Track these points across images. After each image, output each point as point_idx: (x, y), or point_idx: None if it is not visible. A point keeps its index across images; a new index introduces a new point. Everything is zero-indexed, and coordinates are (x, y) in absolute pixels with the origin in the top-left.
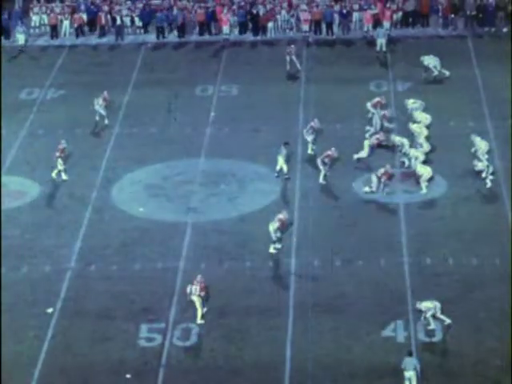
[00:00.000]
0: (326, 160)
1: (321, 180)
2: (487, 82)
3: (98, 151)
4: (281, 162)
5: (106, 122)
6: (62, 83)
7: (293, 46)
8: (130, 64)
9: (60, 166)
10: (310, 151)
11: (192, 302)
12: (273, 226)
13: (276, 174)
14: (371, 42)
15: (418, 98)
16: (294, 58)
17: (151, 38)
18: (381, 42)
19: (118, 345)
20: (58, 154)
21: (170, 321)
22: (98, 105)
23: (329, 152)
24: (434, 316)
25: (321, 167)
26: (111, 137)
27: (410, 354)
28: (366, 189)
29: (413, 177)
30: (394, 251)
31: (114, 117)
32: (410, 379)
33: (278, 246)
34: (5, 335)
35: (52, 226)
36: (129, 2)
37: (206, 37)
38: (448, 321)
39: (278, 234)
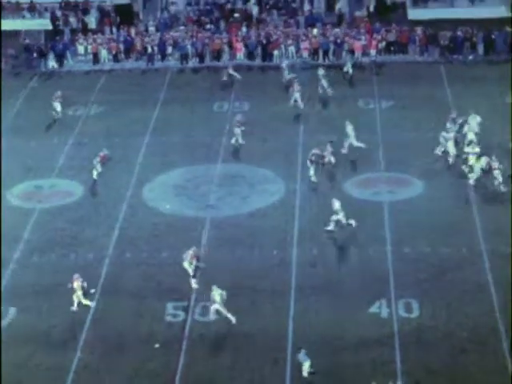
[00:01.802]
0: (313, 158)
1: (312, 178)
2: (456, 100)
3: (132, 157)
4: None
5: (59, 115)
6: (102, 101)
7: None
8: (158, 85)
9: (98, 168)
10: (234, 142)
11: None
12: (188, 263)
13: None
14: (360, 67)
15: (399, 113)
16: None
17: (176, 63)
18: (348, 66)
19: (147, 320)
20: (98, 159)
21: (192, 300)
22: (55, 102)
23: (314, 151)
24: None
25: (309, 165)
26: (143, 145)
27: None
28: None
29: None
30: (379, 242)
31: (145, 128)
32: None
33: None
34: (54, 311)
35: (94, 220)
36: (158, 34)
37: (222, 62)
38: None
39: (193, 267)
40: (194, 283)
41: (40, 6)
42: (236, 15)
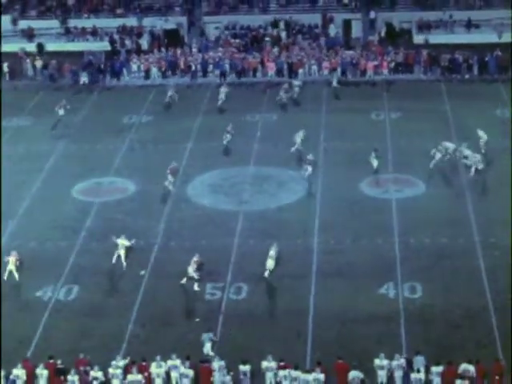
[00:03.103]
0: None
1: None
2: (454, 114)
3: (177, 160)
4: (375, 163)
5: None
6: (152, 111)
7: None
8: (200, 98)
9: (170, 179)
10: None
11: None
12: (192, 268)
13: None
14: (373, 84)
15: (406, 124)
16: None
17: (215, 79)
18: (334, 83)
19: (190, 298)
20: (169, 171)
21: (227, 281)
22: (60, 109)
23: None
24: None
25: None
26: (186, 150)
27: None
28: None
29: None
30: (387, 233)
31: (188, 136)
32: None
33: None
34: (111, 290)
35: (144, 212)
36: (200, 54)
37: (255, 79)
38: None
39: (197, 273)
40: (196, 287)
41: (101, 30)
42: (267, 39)
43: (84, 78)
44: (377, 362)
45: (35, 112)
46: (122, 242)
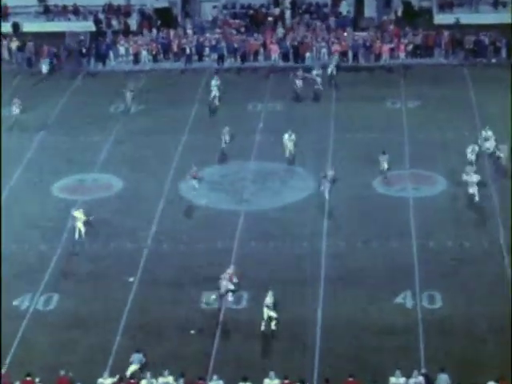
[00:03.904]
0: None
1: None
2: (479, 102)
3: (170, 154)
4: (384, 162)
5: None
6: (142, 100)
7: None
8: (196, 85)
9: (195, 184)
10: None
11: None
12: (226, 282)
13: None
14: (388, 69)
15: (425, 113)
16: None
17: (212, 64)
18: (331, 68)
19: (184, 307)
20: (189, 176)
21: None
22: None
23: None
24: None
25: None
26: (180, 143)
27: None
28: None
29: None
30: (404, 235)
31: (182, 127)
32: None
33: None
34: (95, 298)
35: (133, 212)
36: (195, 36)
37: (257, 63)
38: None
39: (231, 286)
40: (230, 297)
41: (84, 9)
42: (270, 19)
43: (45, 66)
44: (392, 380)
45: (10, 100)
46: (79, 214)
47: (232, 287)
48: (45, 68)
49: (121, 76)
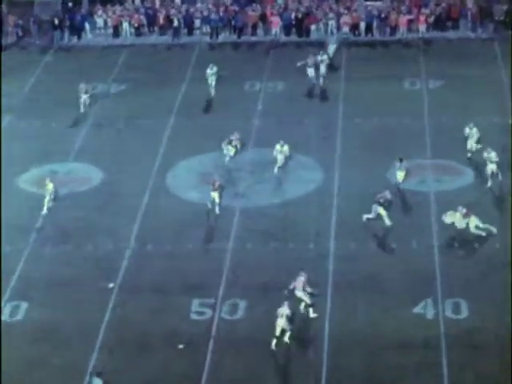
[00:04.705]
0: (381, 200)
1: (275, 171)
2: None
3: (155, 141)
4: (400, 174)
5: None
6: (123, 79)
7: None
8: (185, 62)
9: (216, 199)
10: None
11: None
12: (301, 291)
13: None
14: (406, 44)
15: (448, 95)
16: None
17: (204, 38)
18: (332, 47)
19: (171, 318)
20: (212, 187)
21: (219, 296)
22: None
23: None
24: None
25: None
26: (167, 128)
27: None
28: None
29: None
30: (424, 235)
31: (170, 110)
32: None
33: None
34: (69, 307)
35: (113, 208)
36: (184, 6)
37: (255, 37)
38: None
39: (307, 299)
40: (312, 313)
41: None
42: None
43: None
44: None
45: None
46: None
47: (308, 300)
48: (10, 42)
49: (98, 51)
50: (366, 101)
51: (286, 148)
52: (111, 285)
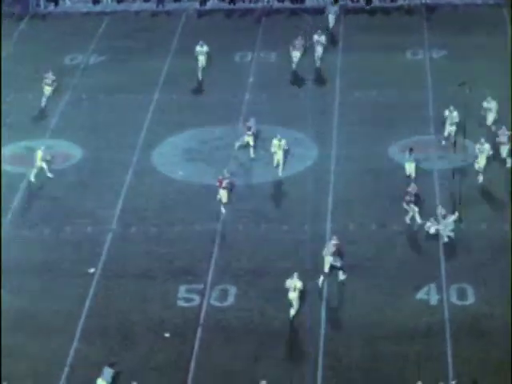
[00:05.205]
0: (409, 198)
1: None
2: None
3: (139, 116)
4: (409, 167)
5: None
6: (104, 49)
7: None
8: (170, 31)
9: (224, 199)
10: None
11: None
12: (330, 254)
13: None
14: (408, 11)
15: (453, 65)
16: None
17: (191, 4)
18: (332, 18)
19: (157, 305)
20: (219, 185)
21: (208, 282)
22: None
23: (409, 189)
24: None
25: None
26: (151, 102)
27: None
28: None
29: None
30: (427, 215)
31: (155, 83)
32: None
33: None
34: (47, 294)
35: (94, 188)
36: None
37: (246, 4)
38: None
39: (338, 261)
40: (342, 275)
41: None
42: None
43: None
44: None
45: None
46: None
47: (338, 264)
48: None
49: (77, 19)
50: (365, 72)
51: (283, 142)
52: (92, 270)
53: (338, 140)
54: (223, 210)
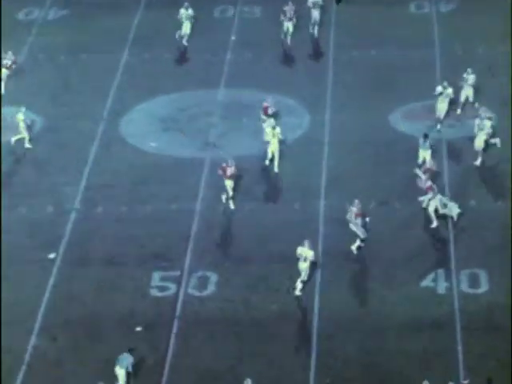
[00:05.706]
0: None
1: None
2: None
3: (105, 79)
4: (424, 155)
5: None
6: (65, 2)
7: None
8: None
9: (230, 191)
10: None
11: None
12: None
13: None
14: None
15: (462, 20)
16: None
17: None
18: None
19: (127, 294)
20: (223, 174)
21: (186, 268)
22: None
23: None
24: None
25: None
26: (119, 63)
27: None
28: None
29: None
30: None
31: (123, 41)
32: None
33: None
34: (2, 282)
35: (55, 162)
36: None
37: None
38: None
39: (359, 222)
40: (358, 245)
41: None
42: None
43: None
44: None
45: None
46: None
47: (361, 235)
48: None
49: None
50: (362, 28)
51: (278, 130)
52: (52, 255)
53: (331, 106)
54: (232, 205)
